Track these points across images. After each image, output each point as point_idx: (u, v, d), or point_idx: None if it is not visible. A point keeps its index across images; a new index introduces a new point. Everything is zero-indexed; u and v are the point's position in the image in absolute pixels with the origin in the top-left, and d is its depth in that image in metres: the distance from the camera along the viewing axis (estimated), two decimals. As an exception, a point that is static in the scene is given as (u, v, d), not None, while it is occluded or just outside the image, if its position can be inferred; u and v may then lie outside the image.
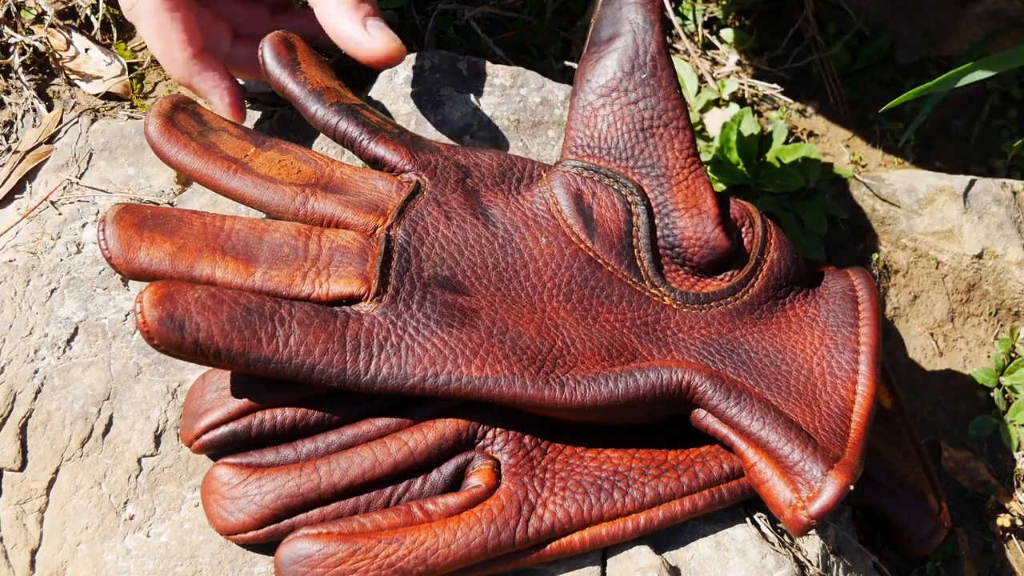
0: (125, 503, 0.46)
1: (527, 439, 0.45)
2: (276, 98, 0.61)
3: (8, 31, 0.61)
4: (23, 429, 0.47)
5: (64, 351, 0.49)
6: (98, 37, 0.64)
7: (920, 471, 0.56)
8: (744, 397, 0.45)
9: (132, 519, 0.45)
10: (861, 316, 0.51)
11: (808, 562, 0.47)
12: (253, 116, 0.60)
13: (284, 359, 0.41)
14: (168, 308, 0.40)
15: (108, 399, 0.48)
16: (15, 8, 0.62)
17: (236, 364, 0.41)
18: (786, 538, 0.47)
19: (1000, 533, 0.63)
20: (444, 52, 0.62)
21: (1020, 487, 0.65)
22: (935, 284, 0.71)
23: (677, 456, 0.46)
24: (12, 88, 0.60)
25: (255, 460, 0.44)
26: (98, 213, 0.54)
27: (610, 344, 0.46)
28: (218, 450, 0.44)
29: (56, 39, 0.63)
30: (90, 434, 0.47)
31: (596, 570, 0.44)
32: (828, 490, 0.42)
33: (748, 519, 0.47)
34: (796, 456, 0.43)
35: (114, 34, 0.64)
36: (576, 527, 0.43)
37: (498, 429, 0.45)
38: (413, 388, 0.42)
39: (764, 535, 0.47)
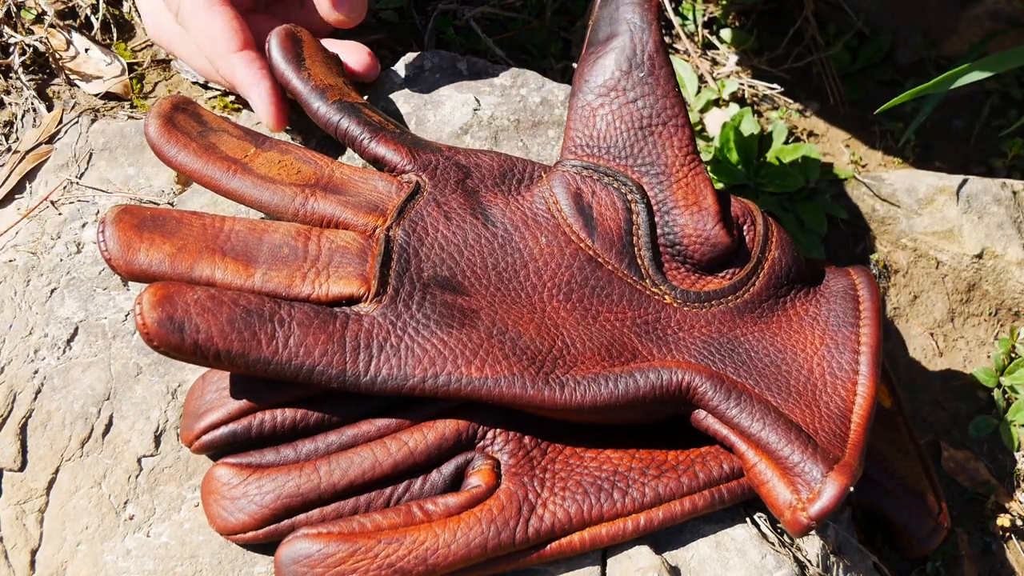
0: (125, 503, 0.46)
1: (527, 439, 0.45)
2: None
3: (8, 31, 0.61)
4: (23, 429, 0.47)
5: (64, 351, 0.49)
6: (98, 37, 0.64)
7: (920, 471, 0.56)
8: (744, 398, 0.45)
9: (132, 519, 0.45)
10: (862, 316, 0.51)
11: (808, 562, 0.47)
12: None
13: (284, 360, 0.41)
14: (168, 310, 0.40)
15: (108, 399, 0.48)
16: (15, 8, 0.62)
17: (236, 365, 0.41)
18: (786, 538, 0.47)
19: (1000, 533, 0.63)
20: (444, 52, 0.62)
21: (1020, 487, 0.65)
22: (935, 284, 0.71)
23: (677, 456, 0.46)
24: (12, 88, 0.60)
25: (255, 460, 0.44)
26: (98, 213, 0.54)
27: (610, 344, 0.46)
28: (218, 450, 0.44)
29: (56, 39, 0.63)
30: (90, 434, 0.47)
31: (596, 570, 0.44)
32: (828, 492, 0.42)
33: (748, 519, 0.47)
34: (796, 457, 0.43)
35: (114, 34, 0.64)
36: (576, 527, 0.43)
37: (498, 429, 0.45)
38: (413, 389, 0.42)
39: (764, 535, 0.47)
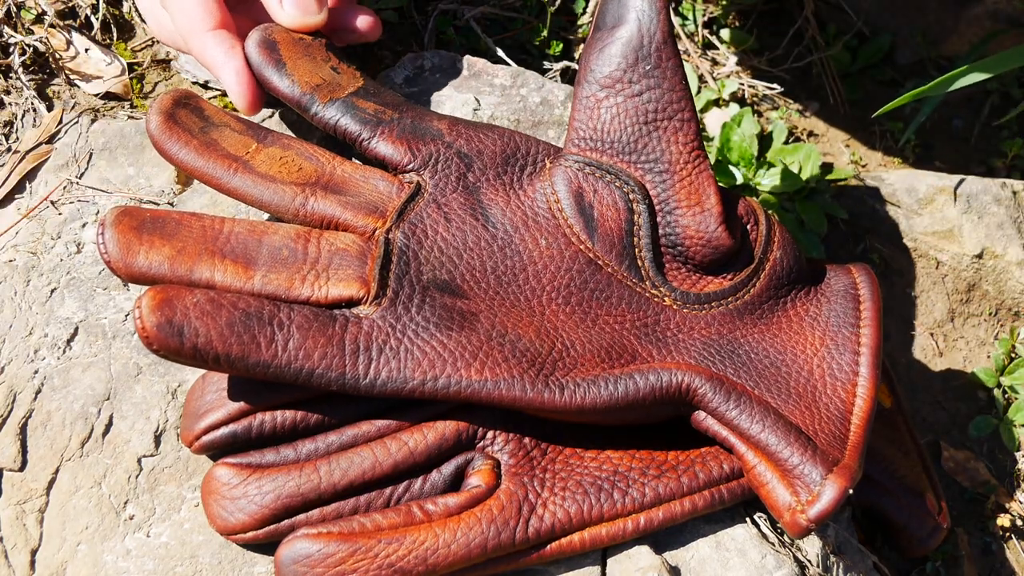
0: (125, 503, 0.46)
1: (527, 439, 0.45)
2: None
3: (8, 31, 0.61)
4: (23, 429, 0.47)
5: (64, 351, 0.49)
6: (98, 37, 0.64)
7: (920, 471, 0.56)
8: (744, 399, 0.45)
9: (132, 519, 0.45)
10: (863, 316, 0.50)
11: (808, 562, 0.47)
12: (254, 117, 0.59)
13: (283, 363, 0.41)
14: (167, 313, 0.40)
15: (108, 399, 0.48)
16: (15, 8, 0.62)
17: (235, 369, 0.41)
18: (786, 538, 0.47)
19: (1000, 533, 0.64)
20: (444, 52, 0.62)
21: (1020, 487, 0.65)
22: (935, 284, 0.71)
23: (677, 456, 0.46)
24: (12, 88, 0.60)
25: (255, 460, 0.44)
26: (98, 213, 0.54)
27: (610, 346, 0.46)
28: (218, 451, 0.44)
29: (56, 39, 0.63)
30: (90, 434, 0.47)
31: (596, 570, 0.44)
32: (827, 494, 0.42)
33: (748, 519, 0.47)
34: (796, 459, 0.43)
35: (114, 34, 0.64)
36: (576, 527, 0.43)
37: (498, 429, 0.45)
38: (412, 391, 0.42)
39: (764, 535, 0.47)
